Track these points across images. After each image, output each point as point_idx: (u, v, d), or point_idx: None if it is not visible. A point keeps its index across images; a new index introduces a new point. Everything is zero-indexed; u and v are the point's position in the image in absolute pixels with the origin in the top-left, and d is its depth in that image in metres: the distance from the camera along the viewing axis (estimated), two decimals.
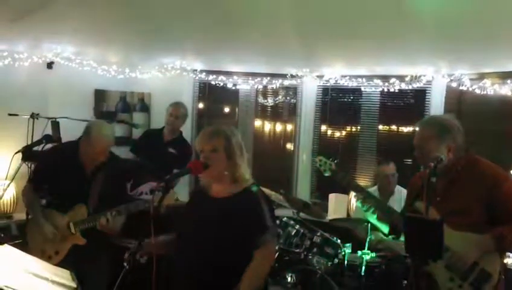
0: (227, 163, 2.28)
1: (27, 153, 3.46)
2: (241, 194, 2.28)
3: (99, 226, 3.13)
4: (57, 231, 3.20)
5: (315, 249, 3.98)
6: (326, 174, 3.02)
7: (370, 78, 5.48)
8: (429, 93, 5.22)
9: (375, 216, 2.77)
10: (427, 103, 5.25)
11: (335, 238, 4.08)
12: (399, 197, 4.34)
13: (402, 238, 2.73)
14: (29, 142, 4.04)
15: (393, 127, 5.77)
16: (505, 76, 4.56)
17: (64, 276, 1.95)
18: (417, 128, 2.61)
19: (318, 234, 4.03)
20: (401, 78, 5.27)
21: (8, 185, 3.83)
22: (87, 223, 3.19)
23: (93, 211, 3.24)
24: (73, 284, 1.92)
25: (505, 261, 3.77)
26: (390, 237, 2.91)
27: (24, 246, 3.22)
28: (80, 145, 3.32)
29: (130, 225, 3.38)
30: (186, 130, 6.01)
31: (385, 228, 2.82)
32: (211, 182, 2.35)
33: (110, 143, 3.33)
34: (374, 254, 3.94)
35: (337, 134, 6.13)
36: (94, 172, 3.33)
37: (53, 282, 1.86)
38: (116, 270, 2.55)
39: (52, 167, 3.32)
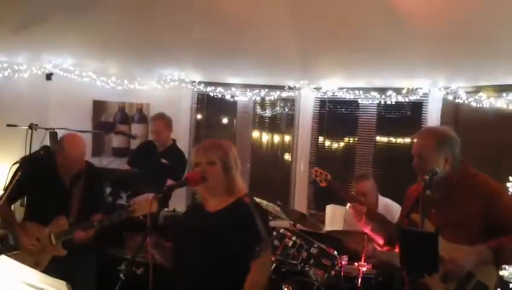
0: (224, 176, 2.29)
1: (24, 164, 3.46)
2: (234, 206, 2.28)
3: (75, 239, 3.15)
4: (38, 242, 3.21)
5: (312, 261, 3.97)
6: (322, 185, 3.03)
7: (367, 90, 5.51)
8: (426, 105, 5.25)
9: (369, 227, 2.77)
10: (423, 115, 5.28)
11: (332, 249, 4.09)
12: (382, 207, 4.21)
13: (397, 250, 2.73)
14: (28, 153, 4.06)
15: (390, 139, 5.80)
16: (501, 89, 4.59)
17: (60, 287, 1.96)
18: (416, 138, 2.60)
19: (315, 245, 4.03)
20: (397, 90, 5.30)
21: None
22: (68, 234, 3.20)
23: (74, 222, 3.25)
24: None
25: (501, 273, 3.79)
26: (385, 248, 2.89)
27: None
28: (55, 158, 3.35)
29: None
30: (184, 140, 6.04)
31: (379, 240, 2.82)
32: (207, 195, 2.35)
33: (83, 154, 3.36)
34: (370, 266, 3.94)
35: (335, 145, 6.15)
36: (72, 183, 3.36)
37: None
38: (110, 281, 2.56)
39: (29, 181, 3.32)
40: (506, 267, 3.86)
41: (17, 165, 3.44)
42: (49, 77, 5.36)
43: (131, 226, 3.17)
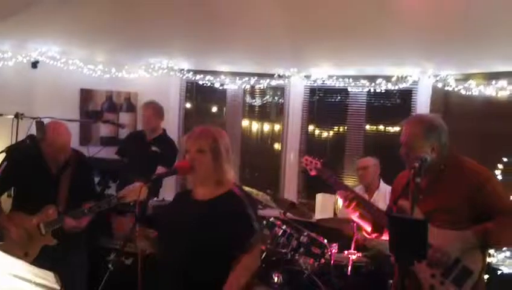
0: (213, 165, 2.26)
1: (10, 153, 3.41)
2: (225, 197, 2.26)
3: (66, 227, 3.12)
4: (26, 232, 3.17)
5: (302, 249, 3.99)
6: (312, 174, 3.02)
7: (357, 78, 5.50)
8: (415, 93, 5.25)
9: (357, 214, 2.76)
10: (413, 103, 5.29)
11: (322, 238, 4.10)
12: (383, 193, 4.36)
13: (385, 237, 2.73)
14: (13, 143, 3.99)
15: (380, 127, 5.80)
16: (490, 77, 4.61)
17: (47, 278, 1.93)
18: (403, 127, 2.61)
19: (305, 234, 4.04)
20: (387, 78, 5.30)
21: None
22: (58, 223, 3.16)
23: (62, 211, 3.21)
24: (57, 286, 1.90)
25: (489, 260, 3.83)
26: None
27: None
28: (41, 146, 3.31)
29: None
30: (173, 129, 6.00)
31: (367, 226, 2.82)
32: (196, 183, 2.33)
33: (67, 141, 3.32)
34: (360, 254, 3.96)
35: (325, 134, 6.14)
36: (59, 171, 3.32)
37: (36, 284, 1.84)
38: (98, 271, 2.54)
39: (16, 170, 3.29)
40: (495, 254, 3.91)
41: (3, 154, 3.39)
42: (35, 65, 5.26)
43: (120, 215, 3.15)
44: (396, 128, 5.51)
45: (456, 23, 4.02)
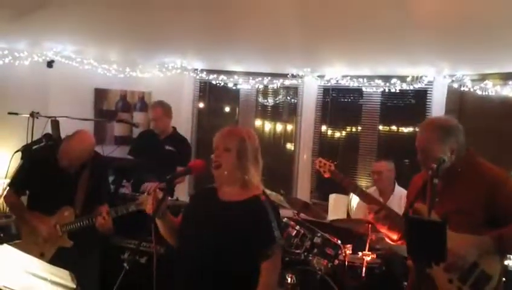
0: (237, 165, 2.25)
1: (27, 152, 3.44)
2: (249, 202, 2.25)
3: (98, 224, 3.13)
4: (43, 233, 3.19)
5: (315, 250, 3.97)
6: (326, 176, 3.00)
7: (371, 78, 5.47)
8: (430, 93, 5.21)
9: (386, 227, 2.68)
10: (428, 103, 5.24)
11: (335, 239, 4.08)
12: (398, 197, 4.32)
13: None
14: (29, 141, 4.03)
15: (394, 128, 5.76)
16: (507, 77, 4.55)
17: (63, 276, 1.94)
18: (419, 131, 2.58)
19: (318, 234, 4.03)
20: (402, 78, 5.25)
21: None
22: (74, 225, 3.17)
23: (80, 213, 3.22)
24: (72, 285, 1.91)
25: (506, 262, 3.77)
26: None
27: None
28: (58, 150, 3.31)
29: (130, 224, 3.38)
30: (186, 129, 6.01)
31: (394, 235, 2.76)
32: (221, 182, 2.32)
33: (86, 152, 3.29)
34: (374, 255, 3.93)
35: (338, 134, 6.11)
36: (78, 173, 3.32)
37: (52, 282, 1.85)
38: (113, 270, 2.54)
39: (35, 170, 3.31)
40: None
41: (19, 153, 3.42)
42: (50, 64, 5.32)
43: (136, 215, 3.16)
44: (410, 129, 5.46)
45: (472, 22, 3.98)
